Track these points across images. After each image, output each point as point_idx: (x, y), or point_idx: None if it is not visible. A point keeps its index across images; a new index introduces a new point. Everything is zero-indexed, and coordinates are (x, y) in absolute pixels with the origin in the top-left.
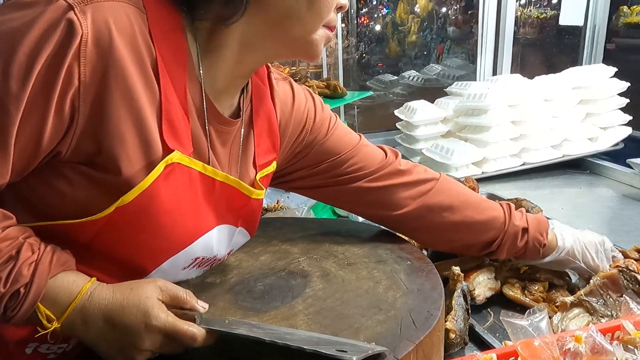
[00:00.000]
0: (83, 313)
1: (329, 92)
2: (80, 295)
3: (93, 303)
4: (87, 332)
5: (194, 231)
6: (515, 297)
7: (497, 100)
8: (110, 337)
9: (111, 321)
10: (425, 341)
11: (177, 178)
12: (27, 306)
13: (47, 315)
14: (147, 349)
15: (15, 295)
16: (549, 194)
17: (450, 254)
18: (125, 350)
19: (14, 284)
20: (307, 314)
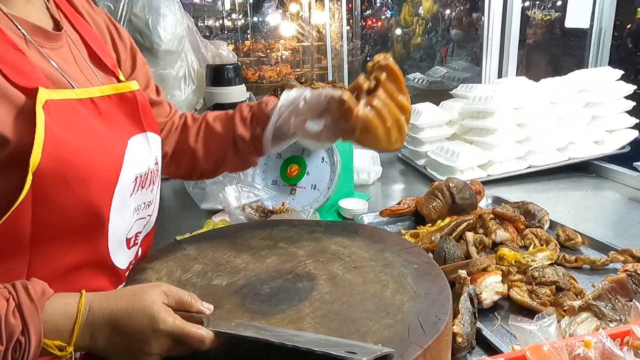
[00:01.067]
0: (89, 328)
1: None
2: (79, 313)
3: (96, 315)
4: (96, 343)
5: (114, 154)
6: (522, 300)
7: (503, 103)
8: (118, 345)
9: (118, 329)
10: (433, 346)
11: (62, 115)
12: (34, 350)
13: (57, 346)
14: (156, 353)
15: (17, 346)
16: (555, 197)
17: (456, 257)
18: (134, 356)
19: (10, 337)
20: (314, 317)
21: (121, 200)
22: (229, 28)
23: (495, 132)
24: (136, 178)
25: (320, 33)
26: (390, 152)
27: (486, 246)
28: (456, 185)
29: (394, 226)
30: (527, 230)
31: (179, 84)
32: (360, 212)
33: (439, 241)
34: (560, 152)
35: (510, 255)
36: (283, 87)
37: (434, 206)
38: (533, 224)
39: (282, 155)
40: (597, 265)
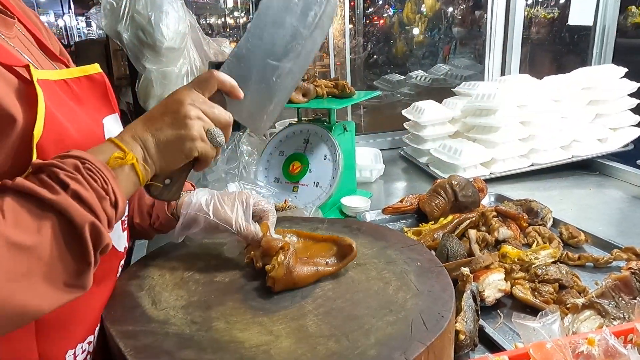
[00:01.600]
0: (129, 135)
1: (337, 92)
2: (113, 138)
3: (125, 130)
4: (146, 141)
5: (96, 132)
6: (525, 298)
7: (506, 101)
8: (160, 123)
9: (149, 117)
10: (436, 343)
11: (49, 94)
12: (104, 168)
13: (118, 157)
14: (189, 102)
15: (88, 172)
16: (558, 195)
17: (458, 255)
18: (177, 115)
19: (76, 167)
20: (317, 314)
21: None
22: (231, 26)
23: (498, 130)
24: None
25: None
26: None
27: (489, 244)
28: (459, 183)
29: (396, 224)
30: (530, 228)
31: (182, 81)
32: (363, 210)
33: (442, 239)
34: (563, 150)
35: (513, 253)
36: None
37: (436, 204)
38: (536, 221)
39: (284, 153)
40: (601, 263)
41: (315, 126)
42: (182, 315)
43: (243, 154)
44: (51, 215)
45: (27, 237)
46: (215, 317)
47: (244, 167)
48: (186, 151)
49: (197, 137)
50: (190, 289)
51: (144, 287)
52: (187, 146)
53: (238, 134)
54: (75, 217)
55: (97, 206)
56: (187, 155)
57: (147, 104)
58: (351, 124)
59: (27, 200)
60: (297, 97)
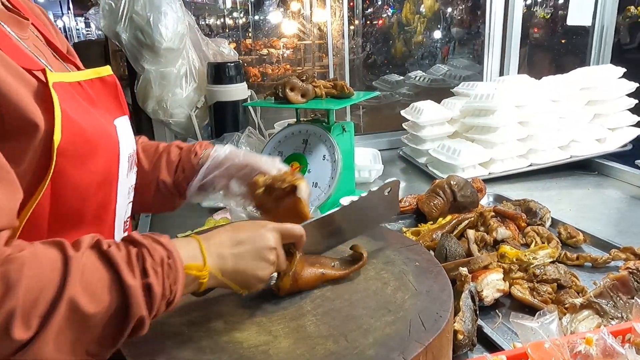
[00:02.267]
0: (214, 248)
1: (336, 92)
2: (199, 240)
3: (213, 240)
4: (224, 261)
5: (110, 133)
6: (523, 298)
7: (504, 101)
8: (243, 252)
9: (237, 239)
10: (434, 343)
11: (64, 96)
12: (182, 271)
13: (196, 267)
14: (273, 245)
15: (168, 269)
16: (557, 195)
17: (457, 255)
18: (261, 255)
19: (161, 260)
20: (316, 314)
21: (122, 180)
22: (230, 26)
23: (497, 130)
24: (129, 157)
25: (321, 31)
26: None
27: (487, 244)
28: (457, 183)
29: (395, 224)
30: (528, 228)
31: (181, 82)
32: None
33: (440, 239)
34: (562, 150)
35: (511, 253)
36: (284, 85)
37: (435, 204)
38: (534, 221)
39: (283, 153)
40: (599, 263)
41: (314, 126)
42: (180, 315)
43: None
44: (117, 294)
45: (90, 305)
46: (214, 317)
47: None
48: (249, 286)
49: (264, 280)
50: None
51: None
52: (254, 284)
53: (237, 135)
54: (134, 307)
55: (157, 302)
56: (246, 287)
57: (145, 104)
58: (350, 125)
59: (108, 270)
60: (296, 98)
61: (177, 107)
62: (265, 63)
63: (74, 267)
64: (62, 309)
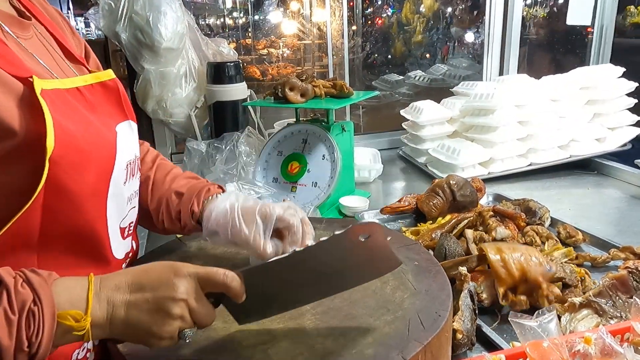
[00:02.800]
0: (106, 292)
1: (336, 92)
2: (91, 282)
3: (110, 281)
4: (115, 310)
5: (108, 141)
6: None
7: (504, 101)
8: (140, 302)
9: (137, 284)
10: (433, 342)
11: (56, 104)
12: (49, 321)
13: (72, 315)
14: (183, 297)
15: (30, 317)
16: (556, 194)
17: (456, 254)
18: (161, 307)
19: (22, 306)
20: (315, 313)
21: (116, 188)
22: (230, 26)
23: (497, 130)
24: (127, 165)
25: (320, 31)
26: None
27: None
28: (457, 183)
29: (394, 224)
30: (527, 227)
31: (180, 81)
32: (361, 210)
33: (440, 238)
34: (561, 150)
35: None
36: (284, 85)
37: (434, 203)
38: (534, 221)
39: (282, 153)
40: (598, 263)
41: (314, 126)
42: None
43: (241, 154)
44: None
45: None
46: None
47: (242, 167)
48: (148, 343)
49: (165, 338)
50: None
51: None
52: (152, 341)
53: (236, 134)
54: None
55: (8, 356)
56: (145, 344)
57: (145, 104)
58: (349, 124)
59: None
60: (295, 97)
61: (176, 106)
62: (265, 63)
63: None
64: None
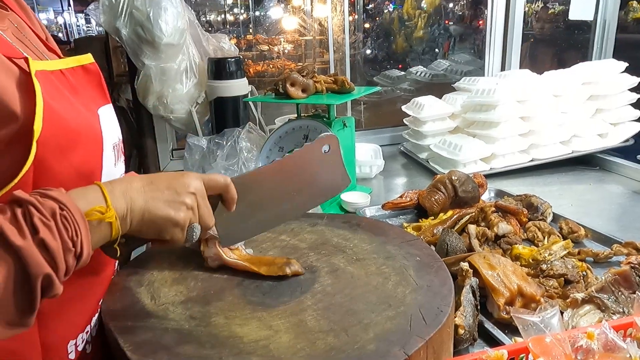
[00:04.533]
0: (121, 187)
1: (337, 88)
2: (101, 185)
3: (120, 182)
4: (134, 201)
5: (93, 123)
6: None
7: (506, 96)
8: (157, 192)
9: (150, 181)
10: (435, 337)
11: (46, 85)
12: (80, 219)
13: (97, 210)
14: (193, 191)
15: (65, 222)
16: (558, 190)
17: (458, 250)
18: (175, 196)
19: (52, 212)
20: (316, 309)
21: (108, 170)
22: (230, 22)
23: (498, 125)
24: (113, 147)
25: (322, 26)
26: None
27: (489, 239)
28: (459, 178)
29: (396, 219)
30: (529, 223)
31: (181, 77)
32: (362, 206)
33: (441, 234)
34: (563, 145)
35: (526, 253)
36: (285, 81)
37: (436, 199)
38: (536, 216)
39: (284, 149)
40: (601, 258)
41: (315, 122)
42: (181, 310)
43: (242, 150)
44: (10, 259)
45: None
46: (214, 312)
47: (243, 163)
48: (163, 231)
49: (180, 225)
50: (189, 285)
51: (143, 282)
52: (168, 228)
53: (237, 130)
54: (32, 267)
55: (59, 257)
56: (161, 234)
57: (146, 100)
58: (351, 120)
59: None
60: (297, 93)
61: (177, 102)
62: (266, 59)
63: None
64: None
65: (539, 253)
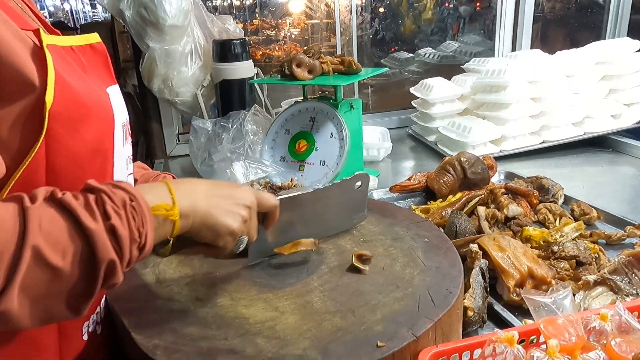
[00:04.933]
0: (187, 187)
1: (344, 69)
2: (168, 182)
3: (185, 183)
4: (197, 203)
5: (104, 99)
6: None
7: (517, 76)
8: (219, 199)
9: (212, 187)
10: (443, 319)
11: (57, 59)
12: (147, 212)
13: (163, 207)
14: (249, 205)
15: (132, 210)
16: (569, 172)
17: (467, 232)
18: (235, 206)
19: (123, 202)
20: (323, 290)
21: (118, 150)
22: (237, 7)
23: (509, 107)
24: (122, 126)
25: (329, 7)
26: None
27: (498, 221)
28: (468, 160)
29: (404, 202)
30: (540, 205)
31: (186, 60)
32: (370, 188)
33: (450, 216)
34: (575, 127)
35: (537, 235)
36: (290, 62)
37: (445, 181)
38: (547, 199)
39: (290, 131)
40: (613, 240)
41: (322, 104)
42: (186, 292)
43: (248, 132)
44: (79, 241)
45: (54, 255)
46: (220, 293)
47: (249, 146)
48: (219, 237)
49: (235, 234)
50: (195, 266)
51: (149, 264)
52: (223, 234)
53: (243, 113)
54: (100, 251)
55: (126, 246)
56: (216, 240)
57: (151, 83)
58: (358, 102)
59: (66, 218)
60: (303, 74)
61: (182, 85)
62: (272, 43)
63: (32, 217)
64: (27, 258)
65: (550, 235)
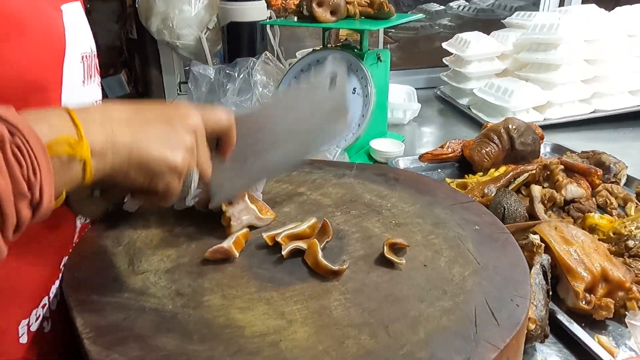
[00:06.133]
0: (96, 116)
1: (373, 12)
2: (68, 108)
3: (95, 108)
4: (118, 133)
5: (54, 17)
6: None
7: (571, 33)
8: (148, 121)
9: (138, 107)
10: (511, 345)
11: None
12: (40, 150)
13: (65, 141)
14: (192, 125)
15: (14, 150)
16: (622, 148)
17: (517, 216)
18: (173, 131)
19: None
20: (344, 291)
21: (71, 87)
22: None
23: (558, 68)
24: (82, 58)
25: None
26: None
27: (557, 204)
28: (517, 128)
29: (433, 173)
30: (600, 186)
31: None
32: (396, 155)
33: (497, 195)
34: (632, 96)
35: (605, 225)
36: (310, 1)
37: (487, 152)
38: (607, 178)
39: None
40: None
41: (344, 53)
42: (165, 282)
43: (257, 84)
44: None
45: None
46: (209, 287)
47: (257, 99)
48: (156, 178)
49: (178, 170)
50: (181, 247)
51: (122, 241)
52: (161, 172)
53: (252, 60)
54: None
55: (7, 205)
56: (153, 183)
57: (149, 23)
58: (386, 53)
59: None
60: (324, 15)
61: (185, 27)
62: None
63: None
64: None
65: (624, 225)
